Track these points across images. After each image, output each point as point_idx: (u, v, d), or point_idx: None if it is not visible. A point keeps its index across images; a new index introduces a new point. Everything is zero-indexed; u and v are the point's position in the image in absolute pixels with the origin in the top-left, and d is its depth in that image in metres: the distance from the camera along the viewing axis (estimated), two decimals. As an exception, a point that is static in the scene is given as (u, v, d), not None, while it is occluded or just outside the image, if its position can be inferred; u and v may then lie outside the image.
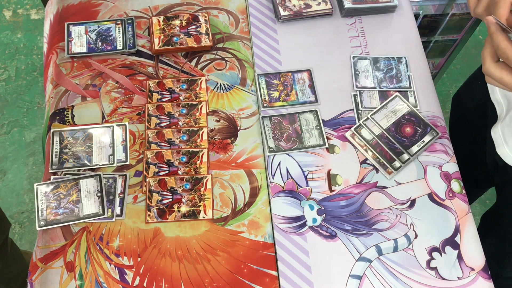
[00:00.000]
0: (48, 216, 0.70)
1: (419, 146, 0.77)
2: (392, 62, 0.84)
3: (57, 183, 0.72)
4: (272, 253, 0.70)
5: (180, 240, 0.70)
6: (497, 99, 0.79)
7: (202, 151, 0.75)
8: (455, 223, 0.72)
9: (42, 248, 0.69)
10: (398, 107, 0.80)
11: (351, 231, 0.71)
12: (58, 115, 0.79)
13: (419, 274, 0.69)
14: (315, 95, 0.81)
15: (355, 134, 0.78)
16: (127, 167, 0.75)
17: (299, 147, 0.77)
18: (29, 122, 1.70)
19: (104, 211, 0.71)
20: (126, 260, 0.69)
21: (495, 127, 0.76)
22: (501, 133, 0.75)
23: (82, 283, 0.67)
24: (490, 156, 0.77)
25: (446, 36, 1.37)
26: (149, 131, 0.77)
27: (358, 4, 0.87)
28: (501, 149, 0.75)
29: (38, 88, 1.76)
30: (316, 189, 0.74)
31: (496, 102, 0.79)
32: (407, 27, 0.89)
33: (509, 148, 0.73)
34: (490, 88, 0.81)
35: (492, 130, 0.77)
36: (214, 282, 0.67)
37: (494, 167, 0.81)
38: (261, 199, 0.73)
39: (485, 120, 0.82)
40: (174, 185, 0.73)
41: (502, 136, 0.74)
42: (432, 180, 0.75)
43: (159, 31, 0.84)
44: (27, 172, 1.62)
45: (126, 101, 0.80)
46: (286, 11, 0.87)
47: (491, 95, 0.81)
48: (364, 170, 0.76)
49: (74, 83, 0.82)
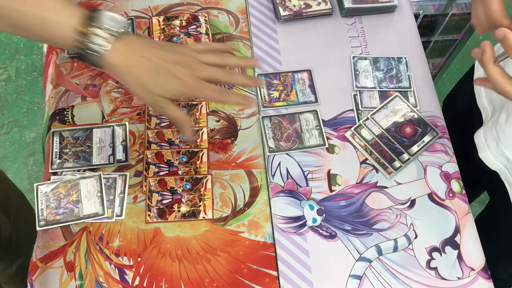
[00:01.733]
0: (48, 216, 0.70)
1: (419, 146, 0.77)
2: (392, 62, 0.84)
3: (57, 183, 0.72)
4: (272, 253, 0.70)
5: (180, 240, 0.70)
6: (483, 105, 0.79)
7: (202, 151, 0.75)
8: (455, 223, 0.72)
9: (42, 248, 0.69)
10: (398, 107, 0.80)
11: (351, 231, 0.71)
12: (58, 115, 0.79)
13: (419, 274, 0.69)
14: (315, 95, 0.81)
15: (355, 134, 0.78)
16: (127, 167, 0.75)
17: (299, 147, 0.77)
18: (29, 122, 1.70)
19: (104, 211, 0.71)
20: (126, 260, 0.69)
21: (478, 132, 0.76)
22: (483, 138, 0.75)
23: (82, 283, 0.67)
24: (477, 160, 0.77)
25: (446, 36, 1.37)
26: (149, 131, 0.77)
27: (358, 4, 0.87)
28: (483, 154, 0.74)
29: (38, 88, 1.76)
30: (316, 189, 0.74)
31: (482, 107, 0.79)
32: (407, 27, 0.89)
33: (491, 152, 0.73)
34: (476, 93, 0.81)
35: (475, 135, 0.77)
36: (214, 282, 0.67)
37: (482, 172, 0.81)
38: (261, 199, 0.73)
39: (472, 124, 0.82)
40: (174, 185, 0.73)
41: (484, 140, 0.74)
42: (432, 180, 0.75)
43: (159, 31, 0.84)
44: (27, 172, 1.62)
45: (126, 101, 0.80)
46: (286, 11, 0.87)
47: (478, 101, 0.81)
48: (364, 170, 0.76)
49: (74, 83, 0.82)
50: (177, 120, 0.60)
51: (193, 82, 0.57)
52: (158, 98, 0.57)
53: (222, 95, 0.58)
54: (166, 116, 0.60)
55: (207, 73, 0.58)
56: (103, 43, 0.55)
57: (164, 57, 0.57)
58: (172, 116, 0.59)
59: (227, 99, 0.60)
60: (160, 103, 0.58)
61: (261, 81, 0.64)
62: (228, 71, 0.60)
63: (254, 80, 0.64)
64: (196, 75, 0.57)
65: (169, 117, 0.61)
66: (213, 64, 0.59)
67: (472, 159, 0.85)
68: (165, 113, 0.59)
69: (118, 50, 0.56)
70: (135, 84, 0.57)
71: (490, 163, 0.74)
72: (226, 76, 0.59)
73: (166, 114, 0.60)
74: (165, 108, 0.58)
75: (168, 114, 0.60)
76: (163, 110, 0.59)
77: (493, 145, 0.72)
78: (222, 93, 0.59)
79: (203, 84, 0.57)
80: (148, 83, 0.57)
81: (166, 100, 0.57)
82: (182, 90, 0.57)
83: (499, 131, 0.71)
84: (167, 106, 0.58)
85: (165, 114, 0.60)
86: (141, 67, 0.56)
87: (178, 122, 0.60)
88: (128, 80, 0.57)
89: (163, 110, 0.59)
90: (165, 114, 0.61)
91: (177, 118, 0.59)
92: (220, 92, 0.58)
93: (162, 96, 0.57)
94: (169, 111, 0.58)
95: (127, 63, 0.56)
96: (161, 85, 0.57)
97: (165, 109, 0.58)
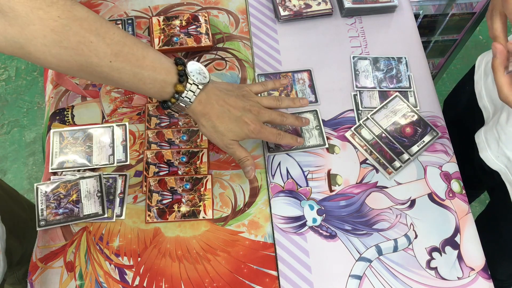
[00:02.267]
0: (48, 216, 0.70)
1: (419, 146, 0.77)
2: (392, 62, 0.84)
3: (57, 183, 0.72)
4: (272, 253, 0.70)
5: (180, 240, 0.70)
6: (484, 105, 0.79)
7: (202, 151, 0.75)
8: (455, 223, 0.72)
9: (42, 248, 0.69)
10: (398, 107, 0.80)
11: (351, 231, 0.71)
12: (58, 115, 0.79)
13: (419, 274, 0.69)
14: (315, 95, 0.81)
15: (355, 134, 0.78)
16: (127, 167, 0.75)
17: (299, 147, 0.77)
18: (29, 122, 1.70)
19: (104, 211, 0.71)
20: (126, 260, 0.69)
21: (478, 132, 0.76)
22: (484, 138, 0.75)
23: (82, 283, 0.67)
24: (477, 160, 0.77)
25: (446, 36, 1.37)
26: (149, 131, 0.77)
27: (358, 4, 0.87)
28: (484, 154, 0.75)
29: (38, 88, 1.76)
30: (316, 189, 0.74)
31: (483, 107, 0.80)
32: (407, 27, 0.89)
33: (492, 152, 0.73)
34: (477, 94, 0.81)
35: (476, 135, 0.77)
36: (214, 282, 0.67)
37: (482, 172, 0.82)
38: (261, 199, 0.73)
39: (473, 125, 0.83)
40: (174, 185, 0.73)
41: (485, 140, 0.74)
42: (432, 180, 0.75)
43: (159, 31, 0.84)
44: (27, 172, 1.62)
45: (126, 101, 0.80)
46: (286, 11, 0.87)
47: (479, 101, 0.81)
48: (364, 170, 0.76)
49: (74, 83, 0.82)
50: (243, 160, 0.67)
51: (258, 127, 0.66)
52: (229, 141, 0.66)
53: (279, 138, 0.69)
54: (233, 156, 0.68)
55: (267, 117, 0.68)
56: (191, 96, 0.62)
57: (235, 104, 0.65)
58: (239, 156, 0.67)
59: (282, 141, 0.70)
60: (230, 145, 0.66)
61: (308, 121, 0.75)
62: (283, 114, 0.70)
63: (302, 120, 0.73)
64: (259, 120, 0.67)
65: (235, 157, 0.68)
66: (271, 107, 0.70)
67: (473, 159, 0.85)
68: (233, 154, 0.67)
69: (201, 99, 0.63)
70: (210, 128, 0.65)
71: (491, 163, 0.74)
72: (282, 119, 0.69)
73: (233, 154, 0.67)
74: (234, 149, 0.67)
75: (235, 155, 0.67)
76: (232, 151, 0.67)
77: (494, 145, 0.73)
78: (279, 136, 0.69)
79: (265, 129, 0.67)
80: (223, 129, 0.65)
81: (235, 143, 0.66)
82: (249, 134, 0.66)
83: (500, 131, 0.71)
84: (236, 147, 0.66)
85: (233, 155, 0.68)
86: (218, 115, 0.64)
87: (243, 162, 0.68)
88: (205, 124, 0.65)
89: (232, 151, 0.67)
90: (232, 155, 0.68)
91: (244, 158, 0.67)
92: (277, 135, 0.69)
93: (232, 139, 0.66)
94: (237, 152, 0.67)
95: (206, 111, 0.64)
96: (233, 130, 0.65)
97: (233, 150, 0.67)
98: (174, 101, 0.62)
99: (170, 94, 0.62)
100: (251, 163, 0.68)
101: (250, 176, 0.69)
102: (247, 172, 0.68)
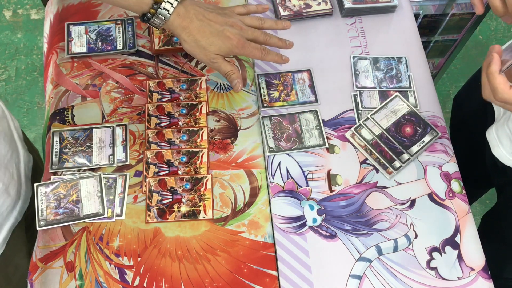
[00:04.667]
0: (48, 216, 0.70)
1: (419, 146, 0.77)
2: (392, 62, 0.84)
3: (57, 183, 0.72)
4: (272, 253, 0.70)
5: (180, 240, 0.70)
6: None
7: (202, 151, 0.75)
8: (455, 223, 0.72)
9: (42, 248, 0.69)
10: (398, 107, 0.80)
11: (351, 231, 0.71)
12: (58, 115, 0.79)
13: (419, 274, 0.69)
14: (315, 95, 0.81)
15: (355, 134, 0.78)
16: (127, 167, 0.75)
17: (299, 147, 0.77)
18: (29, 122, 1.70)
19: (104, 211, 0.71)
20: (126, 260, 0.69)
21: (490, 129, 0.77)
22: (496, 135, 0.75)
23: (82, 283, 0.67)
24: (489, 157, 0.77)
25: (446, 36, 1.37)
26: (149, 131, 0.77)
27: (358, 4, 0.87)
28: (496, 150, 0.75)
29: (38, 88, 1.76)
30: (316, 189, 0.74)
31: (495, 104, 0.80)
32: (407, 27, 0.89)
33: (505, 148, 0.73)
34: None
35: (488, 132, 0.77)
36: (214, 282, 0.67)
37: (493, 168, 0.82)
38: (261, 199, 0.73)
39: (485, 121, 0.83)
40: (174, 185, 0.73)
41: (497, 137, 0.75)
42: (432, 180, 0.75)
43: (159, 31, 0.84)
44: (27, 172, 1.62)
45: (126, 101, 0.80)
46: (286, 11, 0.87)
47: None
48: (364, 170, 0.76)
49: (74, 83, 0.82)
50: (229, 74, 0.69)
51: (241, 42, 0.67)
52: (213, 55, 0.67)
53: (263, 53, 0.69)
54: (218, 71, 0.70)
55: (251, 34, 0.69)
56: (169, 8, 0.64)
57: (216, 19, 0.67)
58: (224, 70, 0.69)
59: (267, 57, 0.70)
60: (214, 60, 0.67)
61: (292, 44, 0.74)
62: (266, 34, 0.71)
63: (284, 41, 0.73)
64: (242, 36, 0.67)
65: (221, 71, 0.69)
66: (254, 26, 0.70)
67: (483, 157, 0.85)
68: (218, 68, 0.69)
69: (179, 12, 0.65)
70: (192, 43, 0.66)
71: (504, 159, 0.74)
72: (265, 37, 0.70)
73: (219, 69, 0.69)
74: (218, 63, 0.68)
75: (221, 69, 0.69)
76: (217, 65, 0.68)
77: (506, 141, 0.73)
78: (264, 51, 0.70)
79: (249, 44, 0.68)
80: (205, 43, 0.66)
81: (219, 57, 0.68)
82: (232, 48, 0.67)
83: None
84: (221, 62, 0.68)
85: (218, 70, 0.69)
86: (198, 29, 0.66)
87: (229, 75, 0.69)
88: (186, 39, 0.66)
89: (217, 66, 0.68)
90: (218, 70, 0.70)
91: (229, 72, 0.69)
92: (262, 51, 0.69)
93: (216, 53, 0.67)
94: (222, 66, 0.68)
95: (185, 24, 0.65)
96: (215, 44, 0.66)
97: (218, 65, 0.68)
98: (153, 11, 0.64)
99: (149, 5, 0.64)
100: (238, 76, 0.69)
101: (237, 89, 0.70)
102: (234, 85, 0.70)
